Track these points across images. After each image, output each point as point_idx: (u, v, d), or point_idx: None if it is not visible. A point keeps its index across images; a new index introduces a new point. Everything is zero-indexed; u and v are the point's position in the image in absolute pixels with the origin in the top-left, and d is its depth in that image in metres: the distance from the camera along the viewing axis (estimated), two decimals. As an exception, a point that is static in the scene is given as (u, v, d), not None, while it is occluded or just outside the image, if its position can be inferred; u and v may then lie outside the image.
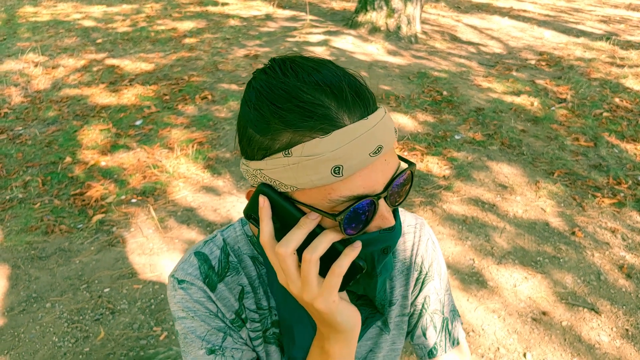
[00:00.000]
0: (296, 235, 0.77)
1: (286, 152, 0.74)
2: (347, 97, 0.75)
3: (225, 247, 1.04)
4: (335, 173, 0.73)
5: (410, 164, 0.84)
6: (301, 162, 0.73)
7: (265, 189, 0.80)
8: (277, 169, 0.76)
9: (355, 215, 0.78)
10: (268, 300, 1.04)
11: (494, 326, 2.81)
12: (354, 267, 0.81)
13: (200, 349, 0.99)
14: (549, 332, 2.77)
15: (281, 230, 0.81)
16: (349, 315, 0.85)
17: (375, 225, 0.81)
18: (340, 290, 0.83)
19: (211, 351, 0.99)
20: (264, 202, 0.79)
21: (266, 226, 0.80)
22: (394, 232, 0.85)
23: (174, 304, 1.00)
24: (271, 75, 0.78)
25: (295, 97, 0.74)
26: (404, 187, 0.85)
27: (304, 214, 0.79)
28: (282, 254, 0.77)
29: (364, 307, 0.97)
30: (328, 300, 0.80)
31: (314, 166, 0.73)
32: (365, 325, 0.99)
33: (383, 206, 0.80)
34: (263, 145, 0.77)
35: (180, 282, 0.99)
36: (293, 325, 1.01)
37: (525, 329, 2.80)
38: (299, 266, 0.80)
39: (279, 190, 0.79)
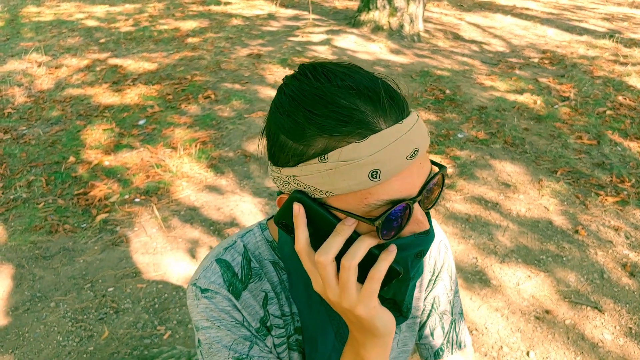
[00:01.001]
0: (335, 243, 0.77)
1: (322, 158, 0.74)
2: (383, 101, 0.75)
3: (247, 253, 1.03)
4: (373, 177, 0.73)
5: (441, 167, 0.85)
6: (338, 168, 0.73)
7: (300, 195, 0.79)
8: (313, 175, 0.75)
9: (392, 219, 0.78)
10: (290, 306, 1.03)
11: (497, 325, 2.81)
12: (390, 272, 0.81)
13: (226, 358, 0.97)
14: (552, 331, 2.77)
15: (314, 237, 0.81)
16: (387, 320, 0.84)
17: (409, 229, 0.82)
18: None
19: None
20: (299, 210, 0.79)
21: (302, 233, 0.80)
22: (429, 235, 0.85)
23: (197, 314, 0.98)
24: (303, 81, 0.78)
25: (330, 103, 0.74)
26: (436, 190, 0.85)
27: (339, 220, 0.78)
28: (322, 262, 0.77)
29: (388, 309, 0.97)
30: (369, 306, 0.80)
31: (351, 171, 0.72)
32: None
33: (418, 210, 0.80)
34: (297, 151, 0.76)
35: (203, 290, 0.98)
36: (317, 332, 1.01)
37: (529, 327, 2.80)
38: (337, 272, 0.79)
39: (313, 196, 0.79)
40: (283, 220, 0.83)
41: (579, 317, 2.86)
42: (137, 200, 3.81)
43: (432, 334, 1.18)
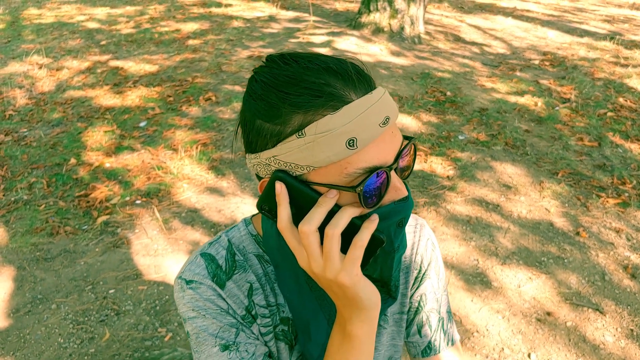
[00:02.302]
0: (318, 214, 0.79)
1: (300, 133, 0.77)
2: (351, 75, 0.79)
3: (231, 247, 1.05)
4: (350, 146, 0.76)
5: (411, 138, 0.88)
6: (316, 140, 0.76)
7: (280, 174, 0.81)
8: (292, 152, 0.78)
9: (372, 186, 0.81)
10: (275, 297, 1.05)
11: (499, 326, 2.81)
12: (374, 241, 0.83)
13: (213, 346, 0.99)
14: (554, 333, 2.77)
15: (296, 215, 0.83)
16: (371, 292, 0.86)
17: (388, 198, 0.84)
18: (362, 266, 0.85)
19: (225, 347, 0.99)
20: (281, 188, 0.81)
21: (284, 210, 0.82)
22: (408, 202, 0.87)
23: (183, 305, 1.00)
24: (273, 67, 0.82)
25: (301, 81, 0.78)
26: (409, 160, 0.89)
27: (320, 195, 0.81)
28: (305, 231, 0.79)
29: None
30: (351, 273, 0.81)
31: (329, 142, 0.76)
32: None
33: (395, 177, 0.83)
34: (275, 132, 0.79)
35: (188, 282, 1.00)
36: (309, 321, 1.02)
37: (530, 329, 2.79)
38: (321, 245, 0.81)
39: (294, 174, 0.81)
40: (265, 204, 0.85)
41: (580, 319, 2.86)
42: (138, 202, 3.81)
43: (419, 332, 1.19)
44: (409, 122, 4.93)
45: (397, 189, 0.84)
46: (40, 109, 5.34)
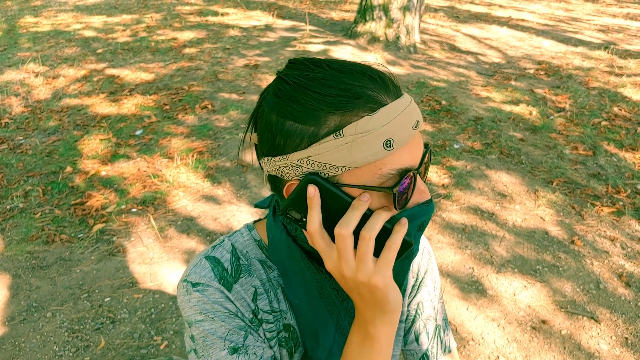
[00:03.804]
0: (354, 217, 0.80)
1: (337, 134, 0.78)
2: (383, 80, 0.81)
3: (235, 251, 1.04)
4: (387, 147, 0.78)
5: (427, 145, 0.90)
6: (355, 140, 0.77)
7: (313, 177, 0.81)
8: (329, 152, 0.79)
9: (404, 187, 0.83)
10: (279, 303, 1.05)
11: (494, 335, 2.81)
12: (402, 244, 0.85)
13: (222, 349, 0.97)
14: (549, 341, 2.78)
15: (325, 218, 0.84)
16: (397, 295, 0.87)
17: (414, 200, 0.87)
18: None
19: (234, 350, 0.97)
20: (314, 191, 0.81)
21: (316, 214, 0.82)
22: (430, 205, 0.89)
23: (190, 308, 0.98)
24: (303, 69, 0.83)
25: (338, 83, 0.79)
26: (427, 165, 0.92)
27: (352, 198, 0.81)
28: (343, 234, 0.80)
29: None
30: (385, 276, 0.82)
31: (367, 142, 0.77)
32: None
33: (420, 180, 0.86)
34: (309, 132, 0.80)
35: (195, 285, 0.98)
36: (318, 327, 1.02)
37: (525, 337, 2.80)
38: (354, 248, 0.82)
39: (326, 175, 0.82)
40: (293, 207, 0.85)
41: (575, 327, 2.86)
42: (133, 210, 3.81)
43: (416, 340, 1.19)
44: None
45: (421, 191, 0.86)
46: (36, 117, 5.34)
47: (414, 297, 1.18)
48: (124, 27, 8.65)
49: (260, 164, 0.91)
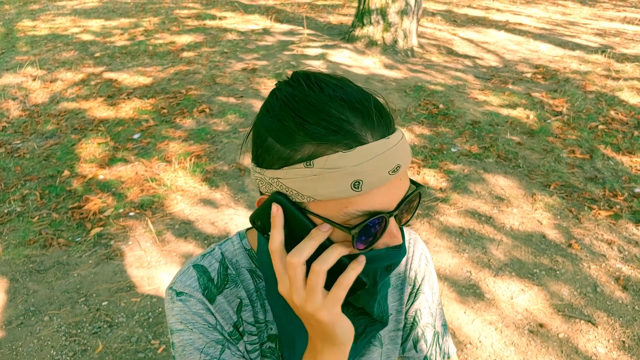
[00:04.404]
0: (309, 246, 0.78)
1: (308, 164, 0.75)
2: (372, 115, 0.77)
3: (224, 260, 1.04)
4: (355, 187, 0.75)
5: (419, 185, 0.87)
6: (323, 174, 0.75)
7: (280, 197, 0.80)
8: (297, 179, 0.77)
9: (368, 230, 0.80)
10: (265, 314, 1.04)
11: (491, 338, 2.81)
12: (357, 282, 0.82)
13: None
14: (546, 344, 2.78)
15: (288, 238, 0.82)
16: (347, 329, 0.85)
17: (383, 242, 0.83)
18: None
19: None
20: (277, 211, 0.80)
21: (278, 234, 0.81)
22: (401, 250, 0.87)
23: (172, 316, 0.99)
24: (296, 87, 0.80)
25: (321, 111, 0.76)
26: (412, 207, 0.88)
27: (314, 225, 0.80)
28: (294, 263, 0.78)
29: (363, 317, 0.97)
30: (332, 312, 0.81)
31: (335, 179, 0.74)
32: (365, 335, 0.99)
33: (393, 224, 0.83)
34: (284, 155, 0.78)
35: (178, 294, 0.99)
36: (294, 336, 1.01)
37: (522, 341, 2.80)
38: (306, 277, 0.81)
39: (293, 200, 0.80)
40: (259, 219, 0.85)
41: (573, 330, 2.87)
42: (131, 214, 3.81)
43: (415, 347, 1.19)
44: (392, 117, 4.94)
45: (392, 235, 0.83)
46: (33, 120, 5.34)
47: (411, 304, 1.18)
48: (122, 31, 8.66)
49: None
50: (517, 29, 9.41)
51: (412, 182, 0.87)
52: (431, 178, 4.26)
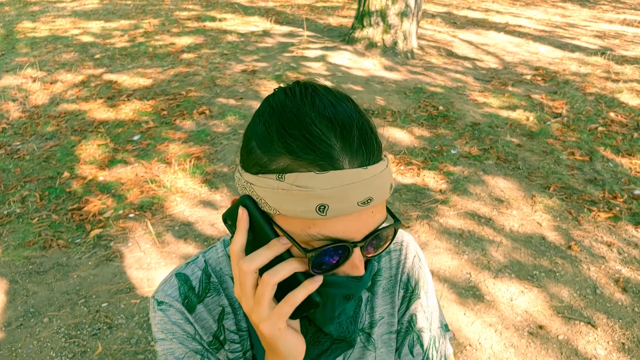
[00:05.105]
0: (263, 255, 0.77)
1: (280, 176, 0.74)
2: (354, 142, 0.75)
3: (207, 269, 1.04)
4: (320, 211, 0.73)
5: (397, 220, 0.85)
6: (291, 190, 0.73)
7: (248, 201, 0.80)
8: (267, 189, 0.76)
9: (326, 256, 0.78)
10: (247, 322, 1.04)
11: (491, 340, 2.81)
12: (309, 301, 0.80)
13: None
14: (546, 346, 2.78)
15: (252, 244, 0.81)
16: (293, 346, 0.83)
17: (343, 270, 0.82)
18: (293, 318, 0.83)
19: None
20: (242, 214, 0.80)
21: (240, 237, 0.80)
22: (361, 282, 0.85)
23: (154, 325, 1.00)
24: (289, 96, 0.79)
25: (304, 127, 0.74)
26: (383, 242, 0.86)
27: (276, 236, 0.78)
28: (244, 269, 0.77)
29: (327, 335, 0.95)
30: (274, 326, 0.79)
31: (301, 198, 0.73)
32: (331, 352, 0.97)
33: (357, 255, 0.80)
34: (261, 161, 0.77)
35: (159, 303, 0.99)
36: (260, 350, 1.00)
37: (522, 343, 2.80)
38: (256, 285, 0.80)
39: (262, 208, 0.79)
40: (229, 219, 0.84)
41: (572, 332, 2.87)
42: (131, 215, 3.81)
43: (411, 352, 1.17)
44: (402, 137, 4.96)
45: (354, 266, 0.81)
46: (33, 122, 5.34)
47: (405, 309, 1.16)
48: (122, 33, 8.66)
49: None
50: (516, 31, 9.41)
51: (392, 216, 0.85)
52: (431, 180, 4.26)
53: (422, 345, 1.17)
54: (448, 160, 4.57)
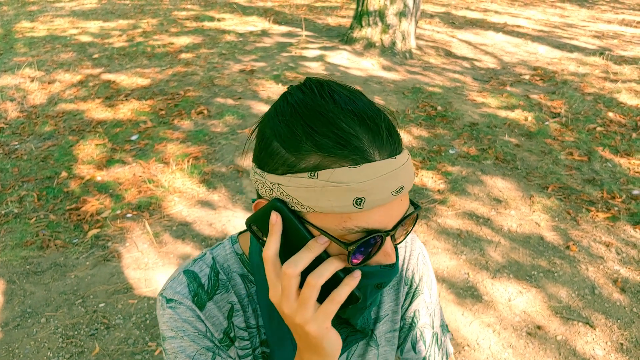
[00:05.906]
0: (305, 258, 0.78)
1: (312, 174, 0.74)
2: (382, 133, 0.77)
3: (215, 266, 1.03)
4: (357, 204, 0.74)
5: (417, 206, 0.86)
6: (326, 187, 0.74)
7: (280, 204, 0.79)
8: (299, 188, 0.76)
9: (364, 247, 0.79)
10: (257, 319, 1.04)
11: (489, 340, 2.81)
12: (350, 297, 0.82)
13: None
14: (544, 346, 2.78)
15: (284, 246, 0.81)
16: (335, 342, 0.84)
17: (376, 260, 0.83)
18: None
19: None
20: (277, 218, 0.79)
21: (274, 242, 0.80)
22: (393, 269, 0.86)
23: (163, 323, 0.99)
24: (308, 94, 0.79)
25: (331, 123, 0.75)
26: (409, 227, 0.88)
27: (312, 236, 0.79)
28: (289, 273, 0.77)
29: (344, 326, 0.97)
30: (321, 325, 0.80)
31: (337, 193, 0.74)
32: (346, 344, 0.99)
33: (388, 243, 0.82)
34: (288, 161, 0.77)
35: (168, 300, 0.98)
36: (275, 345, 1.01)
37: (520, 343, 2.80)
38: (299, 288, 0.80)
39: (293, 208, 0.79)
40: (255, 224, 0.84)
41: (571, 332, 2.87)
42: (129, 215, 3.81)
43: (414, 348, 1.18)
44: (401, 137, 4.94)
45: (387, 254, 0.82)
46: (31, 122, 5.33)
47: (409, 305, 1.17)
48: (120, 32, 8.65)
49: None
50: (515, 31, 9.42)
51: (411, 202, 0.87)
52: (429, 180, 4.26)
53: (424, 343, 1.18)
54: (446, 160, 4.57)
